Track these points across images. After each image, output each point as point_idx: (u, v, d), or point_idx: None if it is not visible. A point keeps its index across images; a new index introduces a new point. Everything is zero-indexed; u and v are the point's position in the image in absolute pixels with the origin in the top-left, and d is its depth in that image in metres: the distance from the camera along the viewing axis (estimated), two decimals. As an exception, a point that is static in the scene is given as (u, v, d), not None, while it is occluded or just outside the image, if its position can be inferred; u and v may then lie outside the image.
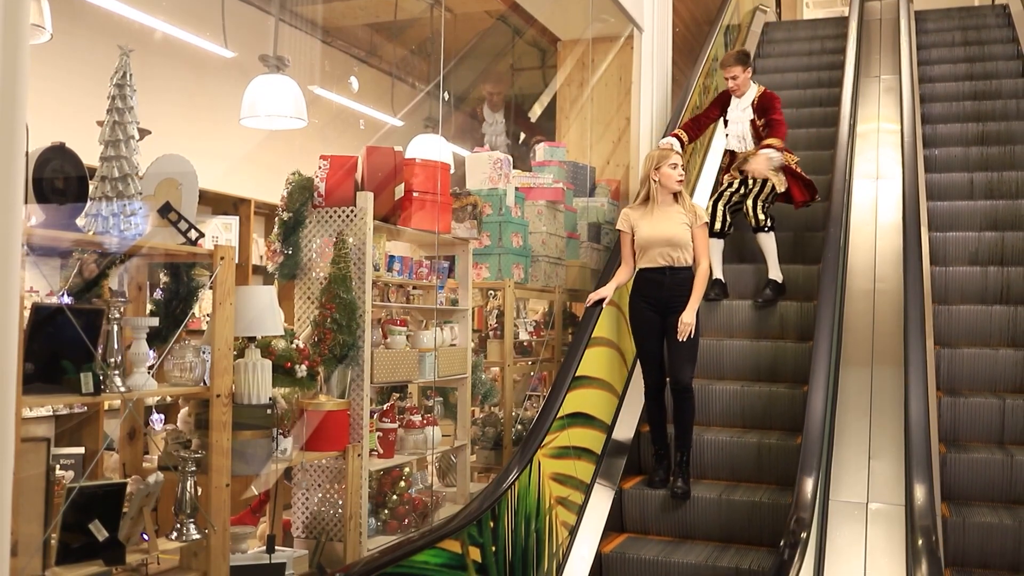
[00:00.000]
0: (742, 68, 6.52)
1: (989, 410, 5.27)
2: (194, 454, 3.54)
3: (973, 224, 6.98)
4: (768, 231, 6.41)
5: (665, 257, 5.24)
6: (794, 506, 4.12)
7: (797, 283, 6.71)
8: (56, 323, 3.04)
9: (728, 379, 6.13)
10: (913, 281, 5.28)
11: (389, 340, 4.80)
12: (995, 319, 5.95)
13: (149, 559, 3.39)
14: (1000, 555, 4.51)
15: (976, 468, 4.93)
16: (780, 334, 6.43)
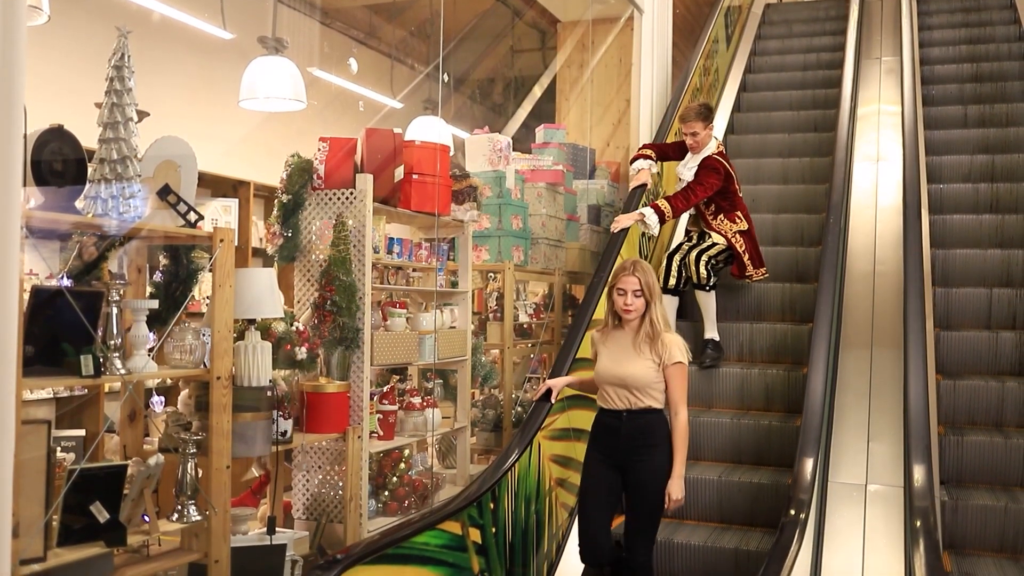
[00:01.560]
0: (703, 124, 5.85)
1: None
2: (194, 436, 3.55)
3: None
4: (709, 290, 5.86)
5: (622, 399, 4.10)
6: (793, 487, 4.13)
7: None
8: (56, 306, 3.04)
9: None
10: (913, 264, 5.28)
11: (389, 322, 4.80)
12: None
13: (150, 540, 3.40)
14: (997, 536, 4.52)
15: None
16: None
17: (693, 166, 5.89)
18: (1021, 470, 4.84)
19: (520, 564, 4.15)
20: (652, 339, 4.07)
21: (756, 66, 9.74)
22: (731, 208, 5.95)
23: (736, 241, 5.91)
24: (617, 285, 4.07)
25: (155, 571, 3.42)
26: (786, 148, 8.20)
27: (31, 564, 2.81)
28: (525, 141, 8.25)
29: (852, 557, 4.15)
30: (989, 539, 4.54)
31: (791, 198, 7.55)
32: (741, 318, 6.43)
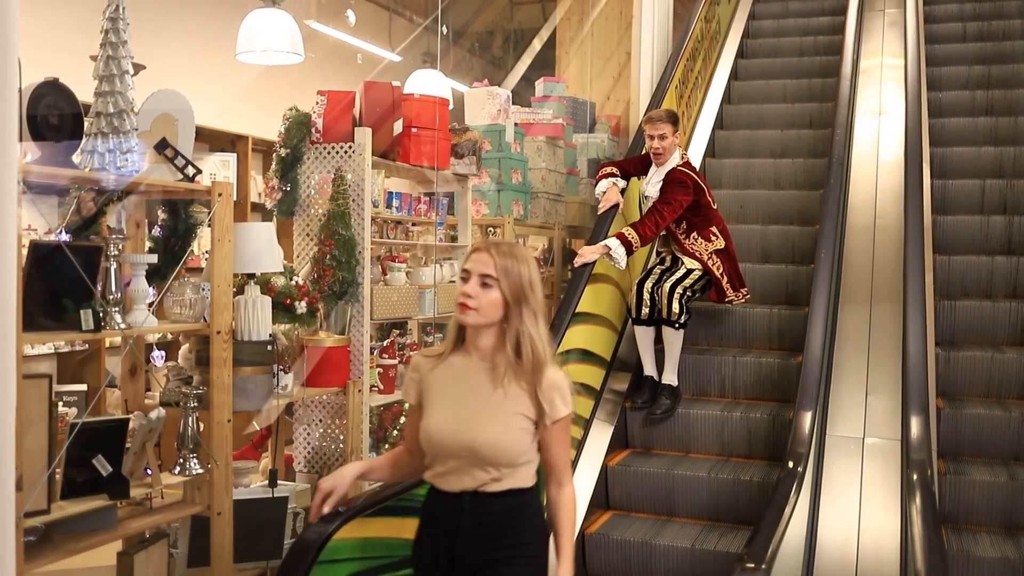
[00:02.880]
0: (672, 128, 5.12)
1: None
2: (195, 390, 3.56)
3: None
4: (678, 328, 5.00)
5: (467, 475, 2.56)
6: (791, 440, 4.15)
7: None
8: (55, 261, 3.04)
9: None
10: (913, 221, 5.26)
11: (388, 277, 4.80)
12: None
13: (153, 493, 3.43)
14: (996, 513, 4.46)
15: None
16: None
17: (658, 181, 5.17)
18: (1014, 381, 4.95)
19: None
20: (525, 374, 2.53)
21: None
22: (704, 224, 5.21)
23: (713, 263, 5.17)
24: (462, 266, 2.61)
25: (158, 523, 3.45)
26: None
27: (35, 517, 2.84)
28: (525, 95, 8.20)
29: (849, 508, 4.18)
30: (985, 447, 4.64)
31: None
32: (725, 347, 5.67)
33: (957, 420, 4.78)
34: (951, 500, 4.46)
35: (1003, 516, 4.36)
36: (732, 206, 6.66)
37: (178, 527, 3.72)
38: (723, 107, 7.96)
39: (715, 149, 7.52)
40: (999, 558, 4.04)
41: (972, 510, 4.43)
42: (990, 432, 4.72)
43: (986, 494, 4.40)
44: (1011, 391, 5.02)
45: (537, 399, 2.54)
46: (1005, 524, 4.36)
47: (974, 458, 4.73)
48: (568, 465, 2.68)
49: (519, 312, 2.53)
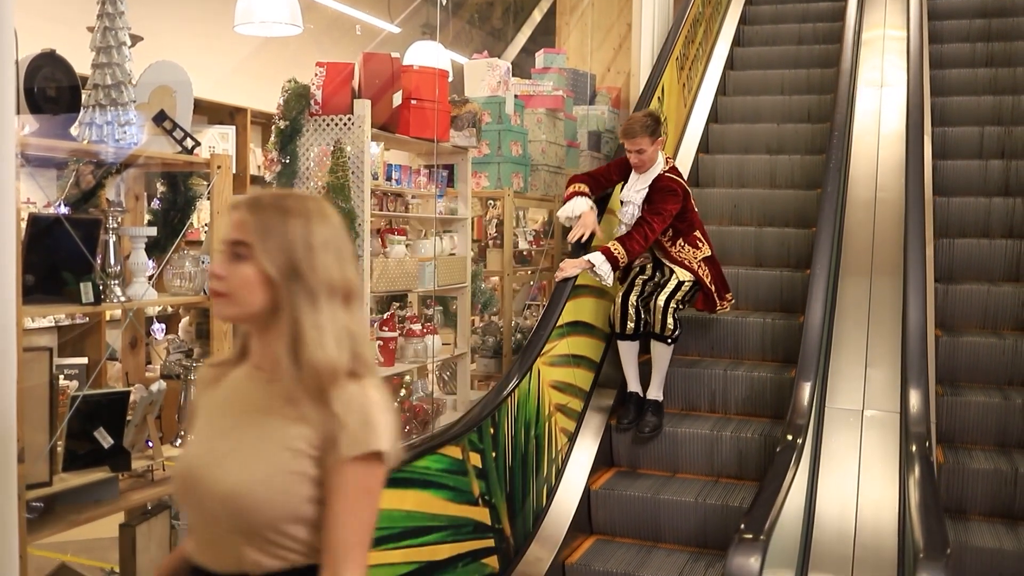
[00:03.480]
0: (651, 139, 4.74)
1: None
2: (196, 363, 3.57)
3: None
4: (670, 343, 4.76)
5: (230, 549, 1.67)
6: (791, 412, 4.17)
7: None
8: (54, 234, 3.03)
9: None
10: (914, 185, 5.26)
11: (388, 249, 4.80)
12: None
13: (154, 465, 3.44)
14: (990, 432, 4.67)
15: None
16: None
17: (642, 188, 4.82)
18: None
19: (520, 488, 4.21)
20: (309, 389, 1.66)
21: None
22: (690, 229, 4.94)
23: (702, 271, 4.91)
24: None
25: (160, 495, 3.47)
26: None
27: (37, 488, 2.85)
28: (525, 66, 8.16)
29: (848, 480, 4.20)
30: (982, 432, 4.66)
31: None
32: (716, 357, 5.45)
33: (954, 347, 5.03)
34: (948, 421, 4.65)
35: (996, 435, 4.61)
36: (725, 206, 6.51)
37: (180, 499, 3.74)
38: (718, 99, 7.70)
39: (709, 144, 7.31)
40: (992, 470, 4.30)
41: (967, 429, 4.66)
42: (985, 358, 4.97)
43: (981, 414, 4.62)
44: (1006, 322, 5.28)
45: (325, 426, 1.63)
46: (998, 442, 4.60)
47: (970, 383, 4.97)
48: (358, 546, 1.63)
49: (290, 294, 1.66)
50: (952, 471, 4.35)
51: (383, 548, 3.14)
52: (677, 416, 5.04)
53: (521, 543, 4.22)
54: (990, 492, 4.29)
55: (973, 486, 4.30)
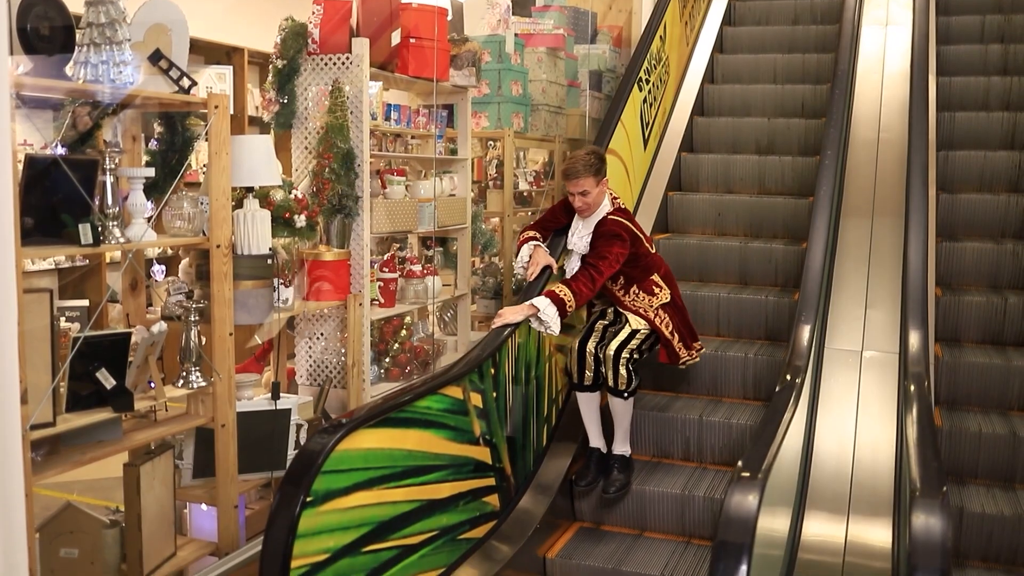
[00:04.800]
0: (595, 180, 4.27)
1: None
2: (196, 304, 3.57)
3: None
4: (628, 398, 4.31)
5: None
6: (790, 353, 4.18)
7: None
8: (51, 175, 3.01)
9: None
10: (918, 124, 5.22)
11: (388, 190, 4.78)
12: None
13: (157, 406, 3.46)
14: (988, 392, 4.68)
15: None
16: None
17: (586, 234, 4.38)
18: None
19: (520, 428, 4.25)
20: None
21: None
22: (644, 274, 4.44)
23: (661, 320, 4.41)
24: None
25: (163, 435, 3.50)
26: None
27: (41, 429, 2.87)
28: (525, 4, 8.02)
29: (846, 419, 4.24)
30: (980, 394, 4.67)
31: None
32: (693, 395, 5.06)
33: (955, 204, 5.44)
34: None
35: (998, 398, 4.63)
36: (709, 214, 6.16)
37: (183, 439, 3.77)
38: (704, 87, 7.20)
39: (693, 141, 6.85)
40: (991, 433, 4.31)
41: (967, 392, 4.69)
42: (982, 214, 5.47)
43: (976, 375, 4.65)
44: (999, 185, 5.75)
45: None
46: (998, 404, 4.62)
47: (970, 285, 5.28)
48: None
49: None
50: (950, 432, 4.32)
51: (385, 487, 3.17)
52: (649, 466, 4.64)
53: (522, 482, 4.26)
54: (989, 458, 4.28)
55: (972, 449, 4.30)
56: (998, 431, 4.28)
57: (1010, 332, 4.96)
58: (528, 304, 4.04)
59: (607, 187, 4.40)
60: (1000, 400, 4.62)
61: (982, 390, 4.64)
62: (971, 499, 4.07)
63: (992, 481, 4.28)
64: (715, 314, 5.32)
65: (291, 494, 2.78)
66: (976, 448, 4.30)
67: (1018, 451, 4.23)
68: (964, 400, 4.68)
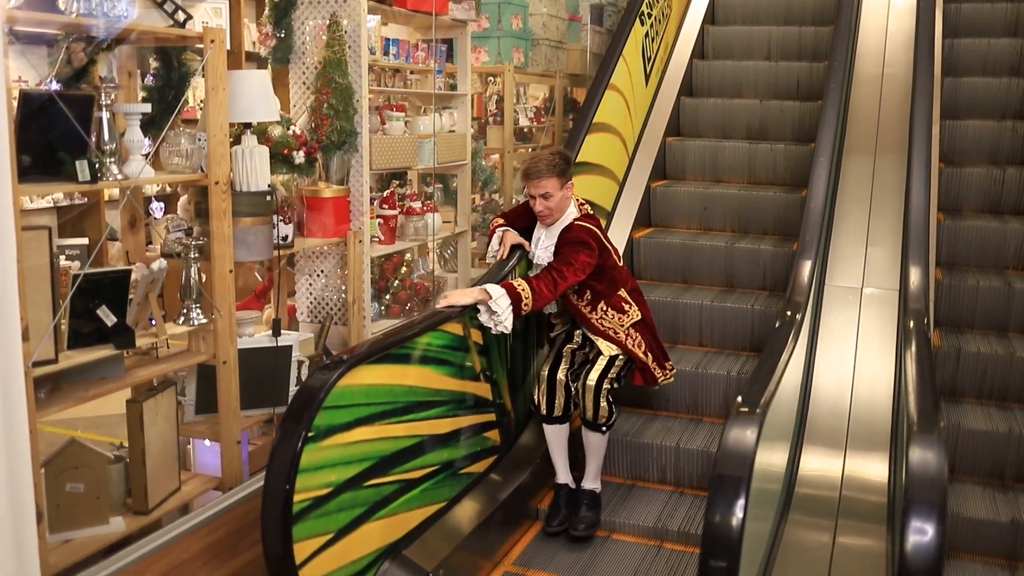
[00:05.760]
0: (559, 182, 3.89)
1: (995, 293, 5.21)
2: (195, 242, 3.57)
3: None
4: (605, 432, 3.98)
5: None
6: (790, 289, 4.19)
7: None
8: (47, 111, 2.98)
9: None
10: (924, 53, 5.16)
11: (387, 126, 4.74)
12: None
13: (158, 343, 3.48)
14: (986, 253, 4.98)
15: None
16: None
17: (550, 244, 4.01)
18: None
19: (521, 365, 4.27)
20: None
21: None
22: (612, 289, 4.04)
23: (633, 341, 4.03)
24: None
25: (164, 372, 3.52)
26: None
27: (44, 366, 2.88)
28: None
29: (845, 356, 4.26)
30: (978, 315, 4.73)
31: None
32: (673, 413, 4.69)
33: (957, 177, 5.33)
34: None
35: (998, 320, 4.73)
36: (695, 208, 5.74)
37: (185, 376, 3.79)
38: (693, 63, 6.72)
39: (680, 125, 6.41)
40: (987, 287, 4.63)
41: (967, 253, 4.99)
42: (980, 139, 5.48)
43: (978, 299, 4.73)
44: (1010, 111, 5.66)
45: None
46: (998, 327, 4.72)
47: (971, 211, 5.31)
48: None
49: None
50: (947, 353, 4.40)
51: (386, 422, 3.20)
52: (624, 490, 4.31)
53: (522, 418, 4.30)
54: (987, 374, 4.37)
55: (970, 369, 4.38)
56: (994, 285, 4.67)
57: (1007, 201, 5.27)
58: (481, 289, 3.64)
59: (573, 192, 4.01)
60: (996, 260, 4.98)
61: (980, 251, 5.00)
62: (968, 343, 4.45)
63: (988, 329, 4.69)
64: (697, 323, 4.97)
65: (293, 429, 2.80)
66: (974, 301, 4.68)
67: (1011, 302, 4.64)
68: (963, 261, 5.03)
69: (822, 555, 3.44)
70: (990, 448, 4.03)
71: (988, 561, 3.72)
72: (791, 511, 3.73)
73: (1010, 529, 3.68)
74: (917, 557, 2.25)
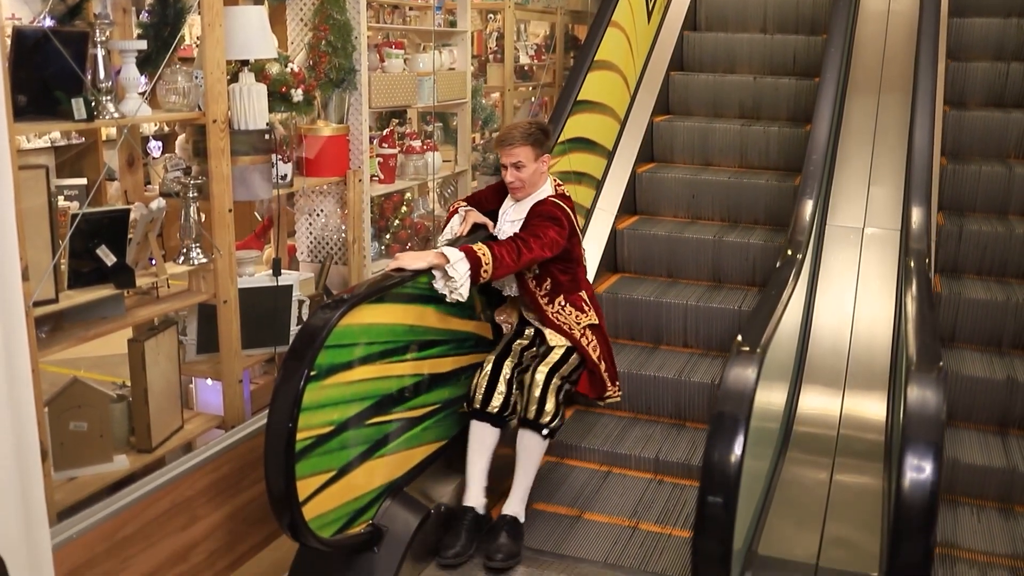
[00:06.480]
0: (534, 152, 3.52)
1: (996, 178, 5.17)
2: (194, 181, 3.55)
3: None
4: (546, 437, 3.42)
5: None
6: (791, 229, 4.17)
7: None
8: (42, 49, 2.95)
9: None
10: None
11: (386, 64, 4.69)
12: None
13: (158, 283, 3.48)
14: (988, 143, 5.14)
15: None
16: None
17: (517, 219, 3.62)
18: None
19: (521, 304, 4.26)
20: None
21: None
22: (574, 286, 3.67)
23: (588, 343, 3.60)
24: None
25: (165, 312, 3.52)
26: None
27: (44, 305, 2.89)
28: None
29: (845, 296, 4.26)
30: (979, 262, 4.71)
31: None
32: (655, 417, 4.31)
33: None
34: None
35: (999, 203, 4.94)
36: (682, 195, 5.34)
37: (186, 315, 3.80)
38: (684, 35, 6.28)
39: (669, 103, 6.01)
40: (990, 232, 4.64)
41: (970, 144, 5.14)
42: None
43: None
44: (1015, 9, 5.67)
45: None
46: (998, 209, 4.91)
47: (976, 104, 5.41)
48: None
49: None
50: (951, 234, 4.63)
51: (387, 361, 3.21)
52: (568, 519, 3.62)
53: (522, 357, 4.30)
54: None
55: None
56: (996, 170, 4.89)
57: (1011, 93, 5.41)
58: (437, 252, 3.29)
59: (547, 169, 3.64)
60: (999, 149, 5.16)
61: (983, 140, 5.17)
62: (970, 224, 4.66)
63: (989, 212, 4.91)
64: (682, 324, 4.62)
65: (295, 368, 2.81)
66: (975, 187, 4.90)
67: (1012, 187, 4.86)
68: (967, 150, 5.19)
69: (819, 492, 3.48)
70: (988, 317, 4.31)
71: (983, 429, 3.98)
72: (790, 449, 3.76)
73: (1006, 387, 3.98)
74: (913, 494, 2.27)
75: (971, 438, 3.91)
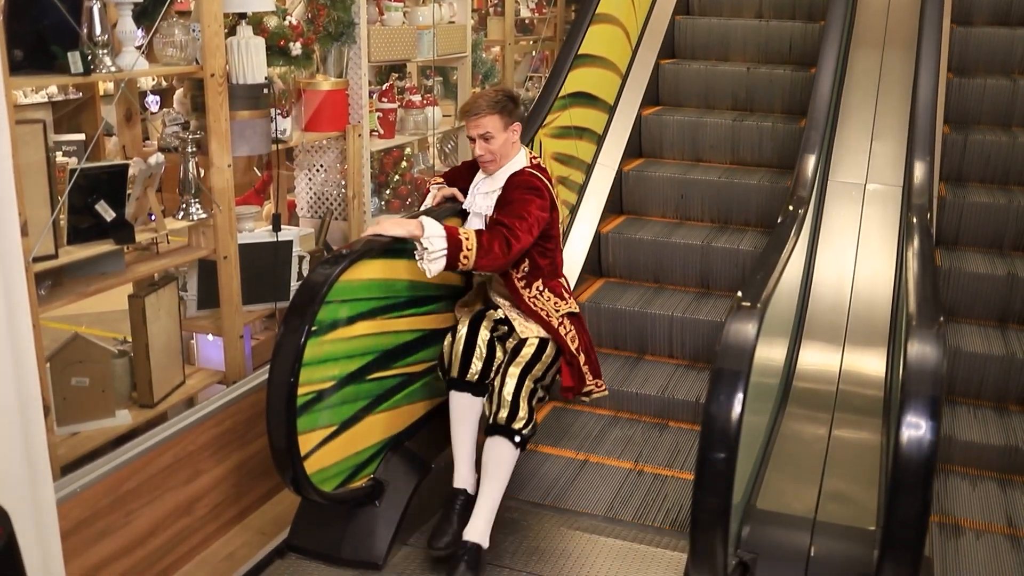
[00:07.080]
0: (502, 121, 3.29)
1: (1001, 91, 5.17)
2: (193, 135, 3.53)
3: None
4: (518, 445, 3.11)
5: None
6: (793, 183, 4.15)
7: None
8: (37, 3, 2.92)
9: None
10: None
11: (385, 16, 4.64)
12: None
13: (158, 238, 3.47)
14: (994, 113, 5.20)
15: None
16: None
17: (491, 190, 3.39)
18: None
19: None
20: None
21: None
22: (553, 272, 3.45)
23: (567, 333, 3.34)
24: None
25: (166, 267, 3.52)
26: None
27: (44, 261, 2.88)
28: None
29: (846, 252, 4.26)
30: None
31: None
32: None
33: None
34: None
35: (1003, 115, 5.17)
36: (671, 196, 5.12)
37: (186, 271, 3.79)
38: (675, 20, 6.06)
39: (659, 94, 5.79)
40: (994, 141, 4.88)
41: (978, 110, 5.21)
42: None
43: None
44: None
45: None
46: (1002, 122, 5.13)
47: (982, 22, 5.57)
48: None
49: None
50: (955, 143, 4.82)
51: (388, 316, 3.21)
52: None
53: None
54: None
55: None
56: (1001, 84, 5.16)
57: (1016, 11, 5.58)
58: (417, 222, 3.04)
59: (519, 139, 3.40)
60: (1004, 64, 5.41)
61: (989, 56, 5.42)
62: (974, 133, 4.90)
63: (993, 124, 5.13)
64: (667, 335, 4.48)
65: (296, 324, 2.82)
66: (980, 100, 5.15)
67: (1015, 100, 5.11)
68: (973, 67, 5.41)
69: (818, 447, 3.50)
70: (991, 221, 4.57)
71: (984, 324, 4.26)
72: (789, 404, 3.78)
73: (1006, 282, 4.24)
74: (911, 449, 2.28)
75: (972, 332, 4.16)
